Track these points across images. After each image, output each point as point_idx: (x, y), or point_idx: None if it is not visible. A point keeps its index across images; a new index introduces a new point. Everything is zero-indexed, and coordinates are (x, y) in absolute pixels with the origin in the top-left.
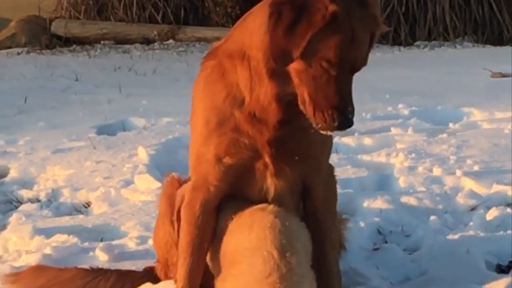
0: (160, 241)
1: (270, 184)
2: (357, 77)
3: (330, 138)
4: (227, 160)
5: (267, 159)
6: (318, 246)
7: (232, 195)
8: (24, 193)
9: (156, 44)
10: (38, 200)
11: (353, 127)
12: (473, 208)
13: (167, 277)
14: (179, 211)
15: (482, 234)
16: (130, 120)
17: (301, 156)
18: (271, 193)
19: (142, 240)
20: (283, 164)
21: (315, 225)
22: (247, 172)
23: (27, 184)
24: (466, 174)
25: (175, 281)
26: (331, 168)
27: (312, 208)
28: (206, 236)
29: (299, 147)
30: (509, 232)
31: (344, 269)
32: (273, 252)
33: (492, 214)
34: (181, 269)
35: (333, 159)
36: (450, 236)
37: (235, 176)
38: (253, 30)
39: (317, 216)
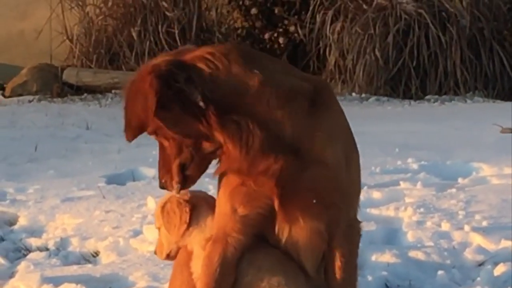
0: None
1: (279, 231)
2: (367, 131)
3: (358, 190)
4: (241, 210)
5: (276, 202)
6: None
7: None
8: (33, 241)
9: None
10: (47, 249)
11: (362, 180)
12: (480, 264)
13: None
14: None
15: None
16: (140, 170)
17: (321, 201)
18: (282, 242)
19: None
20: (295, 207)
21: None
22: (267, 222)
23: (36, 232)
24: (475, 229)
25: None
26: (356, 223)
27: (328, 261)
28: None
29: (318, 189)
30: None
31: None
32: None
33: (499, 270)
34: None
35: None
36: None
37: (254, 227)
38: None
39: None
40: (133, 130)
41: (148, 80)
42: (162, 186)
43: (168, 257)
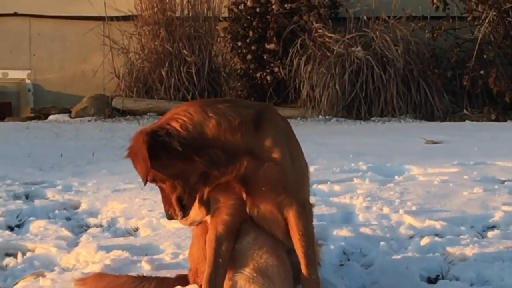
0: (193, 255)
1: (250, 212)
2: (330, 143)
3: (305, 178)
4: (223, 201)
5: (243, 194)
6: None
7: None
8: (91, 220)
9: None
10: (101, 226)
11: (326, 177)
12: (411, 237)
13: (195, 282)
14: None
15: (417, 255)
16: None
17: (272, 189)
18: (255, 219)
19: (175, 255)
20: (257, 195)
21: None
22: (243, 206)
23: (93, 214)
24: (407, 212)
25: (200, 286)
26: (308, 204)
27: (291, 233)
28: (224, 253)
29: (270, 180)
30: (437, 254)
31: None
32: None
33: (424, 241)
34: (204, 277)
35: (312, 200)
36: (394, 257)
37: (234, 210)
38: None
39: (293, 238)
40: (143, 180)
41: (140, 139)
42: (170, 217)
43: (190, 225)
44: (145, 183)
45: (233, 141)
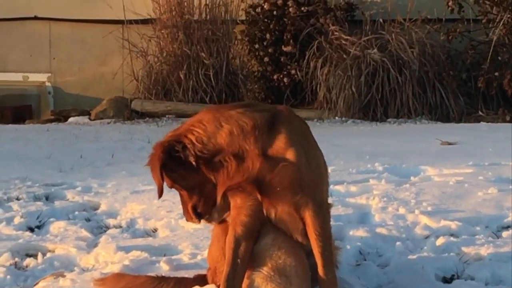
0: (213, 254)
1: (267, 213)
2: (346, 144)
3: (322, 178)
4: (240, 203)
5: (258, 196)
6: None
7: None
8: (111, 221)
9: None
10: (120, 226)
11: (342, 178)
12: (426, 237)
13: (213, 282)
14: None
15: (433, 255)
16: None
17: (287, 190)
18: (273, 220)
19: (193, 256)
20: (273, 196)
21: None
22: (259, 208)
23: (113, 215)
24: (422, 212)
25: (218, 285)
26: (326, 203)
27: (308, 233)
28: (242, 253)
29: (285, 181)
30: (452, 254)
31: None
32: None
33: (440, 241)
34: (223, 276)
35: (329, 200)
36: (410, 256)
37: (251, 211)
38: None
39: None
40: (159, 190)
41: (156, 154)
42: (187, 220)
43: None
44: (159, 196)
45: (245, 145)
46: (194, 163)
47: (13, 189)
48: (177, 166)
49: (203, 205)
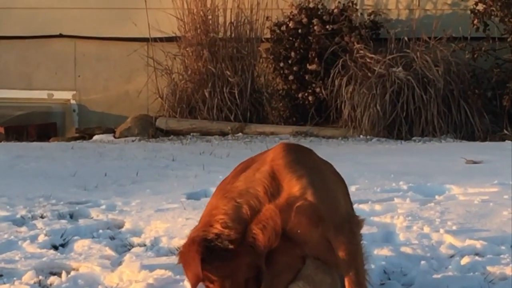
0: None
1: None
2: (371, 162)
3: (337, 198)
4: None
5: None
6: None
7: None
8: (135, 240)
9: (229, 136)
10: (145, 245)
11: (367, 197)
12: (451, 256)
13: None
14: None
15: (457, 274)
16: (211, 189)
17: (309, 226)
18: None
19: None
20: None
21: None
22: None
23: (137, 233)
24: (447, 231)
25: None
26: (352, 218)
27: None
28: None
29: (302, 224)
30: (477, 273)
31: None
32: None
33: (465, 260)
34: None
35: (359, 216)
36: (435, 276)
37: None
38: None
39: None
40: (194, 286)
41: (193, 249)
42: None
43: None
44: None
45: (264, 211)
46: (231, 246)
47: (38, 207)
48: (212, 258)
49: None
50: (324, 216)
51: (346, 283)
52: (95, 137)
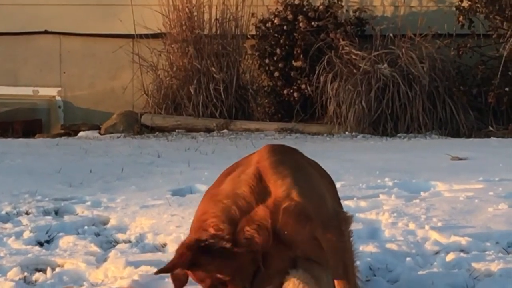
0: None
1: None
2: (356, 159)
3: (323, 196)
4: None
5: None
6: None
7: None
8: (120, 236)
9: (215, 132)
10: (130, 241)
11: (352, 193)
12: (436, 252)
13: None
14: None
15: (443, 271)
16: (196, 186)
17: (295, 228)
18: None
19: None
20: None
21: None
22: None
23: (122, 229)
24: (432, 228)
25: None
26: (339, 213)
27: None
28: None
29: (289, 224)
30: (462, 270)
31: None
32: None
33: (450, 257)
34: None
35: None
36: (420, 272)
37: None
38: None
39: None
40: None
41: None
42: None
43: None
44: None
45: (256, 211)
46: (228, 245)
47: (23, 203)
48: (212, 257)
49: None
50: (311, 215)
51: (335, 281)
52: (81, 134)
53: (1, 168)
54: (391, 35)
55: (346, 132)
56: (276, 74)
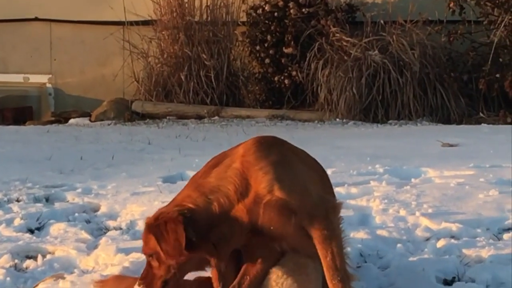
0: None
1: (283, 248)
2: (347, 146)
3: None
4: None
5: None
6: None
7: None
8: (111, 223)
9: (205, 119)
10: (120, 228)
11: (343, 180)
12: (427, 239)
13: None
14: None
15: (433, 257)
16: (187, 172)
17: (280, 222)
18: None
19: None
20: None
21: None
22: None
23: (113, 216)
24: (423, 214)
25: None
26: (327, 202)
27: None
28: None
29: (273, 219)
30: (453, 256)
31: None
32: None
33: (441, 243)
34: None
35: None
36: (411, 258)
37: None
38: None
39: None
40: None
41: (175, 220)
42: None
43: None
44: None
45: (233, 209)
46: (207, 224)
47: (13, 190)
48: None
49: (174, 284)
50: (295, 208)
51: (324, 268)
52: (71, 121)
53: None
54: (381, 21)
55: (337, 119)
56: (267, 61)
